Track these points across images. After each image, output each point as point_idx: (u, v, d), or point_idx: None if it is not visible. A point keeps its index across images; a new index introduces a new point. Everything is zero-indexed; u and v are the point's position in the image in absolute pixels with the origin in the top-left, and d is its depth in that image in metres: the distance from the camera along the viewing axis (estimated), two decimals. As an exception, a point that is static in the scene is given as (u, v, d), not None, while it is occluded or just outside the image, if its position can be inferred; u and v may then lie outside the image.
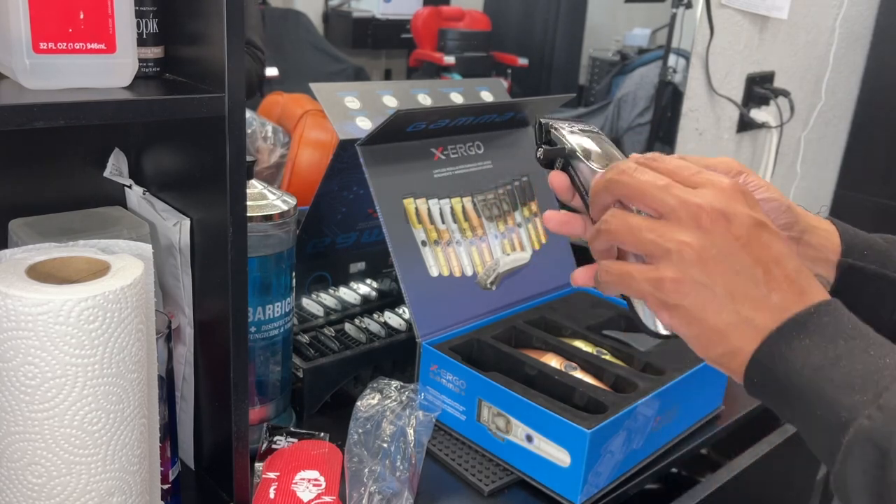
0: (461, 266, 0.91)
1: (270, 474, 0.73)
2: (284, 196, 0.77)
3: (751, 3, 1.66)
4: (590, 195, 0.53)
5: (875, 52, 2.09)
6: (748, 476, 0.89)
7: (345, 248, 1.02)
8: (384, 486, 0.71)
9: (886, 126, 2.11)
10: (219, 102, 0.58)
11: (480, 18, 2.01)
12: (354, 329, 0.94)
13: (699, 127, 1.71)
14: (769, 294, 0.45)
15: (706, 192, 0.46)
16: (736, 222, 0.45)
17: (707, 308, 0.45)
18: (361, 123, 0.89)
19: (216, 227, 0.64)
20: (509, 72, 2.00)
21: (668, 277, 0.46)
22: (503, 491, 0.76)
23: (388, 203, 0.86)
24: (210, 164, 0.62)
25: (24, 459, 0.50)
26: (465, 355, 0.84)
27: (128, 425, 0.53)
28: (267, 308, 0.77)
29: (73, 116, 0.52)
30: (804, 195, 2.10)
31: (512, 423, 0.76)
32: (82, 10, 0.55)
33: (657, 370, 0.84)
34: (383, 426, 0.78)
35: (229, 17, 0.56)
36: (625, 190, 0.49)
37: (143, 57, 0.63)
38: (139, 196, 0.74)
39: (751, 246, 0.45)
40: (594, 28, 2.07)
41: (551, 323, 0.94)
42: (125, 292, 0.51)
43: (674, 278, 0.46)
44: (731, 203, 0.46)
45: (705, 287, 0.45)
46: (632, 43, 1.98)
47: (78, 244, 0.57)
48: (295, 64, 1.60)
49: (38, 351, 0.48)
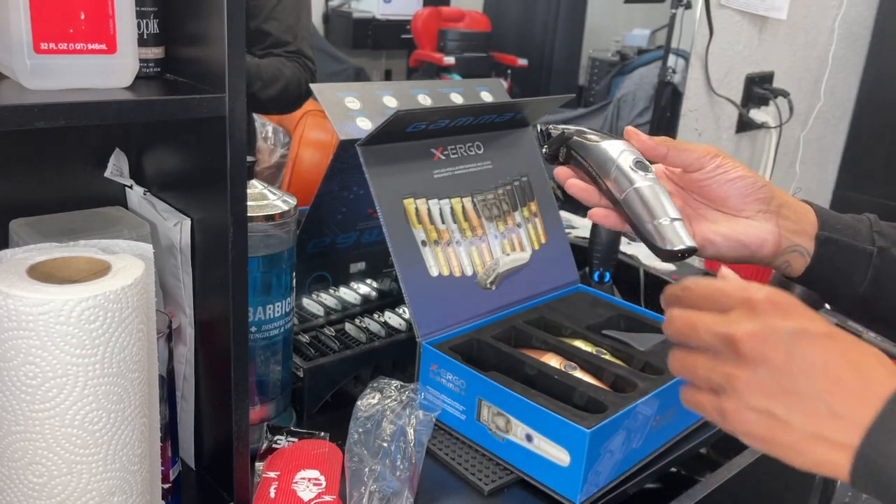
0: (461, 266, 0.92)
1: (271, 474, 0.73)
2: (285, 196, 0.78)
3: (750, 4, 1.66)
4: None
5: (874, 52, 2.09)
6: (748, 476, 0.89)
7: (345, 248, 1.02)
8: (384, 486, 0.71)
9: (885, 126, 2.11)
10: (219, 103, 0.58)
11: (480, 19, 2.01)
12: (354, 329, 0.94)
13: (698, 127, 1.71)
14: (831, 404, 0.44)
15: (738, 317, 0.47)
16: (772, 341, 0.45)
17: (775, 430, 0.46)
18: (361, 124, 0.90)
19: (217, 228, 0.64)
20: (509, 72, 2.00)
21: (729, 409, 0.47)
22: (503, 490, 0.77)
23: (388, 203, 0.86)
24: (211, 164, 0.62)
25: (24, 459, 0.50)
26: (465, 355, 0.84)
27: (128, 425, 0.53)
28: (267, 308, 0.77)
29: (74, 117, 0.53)
30: (803, 195, 2.10)
31: (512, 423, 0.76)
32: (83, 11, 0.55)
33: (657, 370, 0.84)
34: (383, 426, 0.78)
35: (230, 17, 0.56)
36: (671, 334, 0.51)
37: (144, 57, 0.63)
38: (140, 196, 0.74)
39: (793, 361, 0.45)
40: (594, 28, 2.07)
41: (551, 323, 0.94)
42: (126, 292, 0.51)
43: (734, 409, 0.47)
44: (766, 321, 0.46)
45: (765, 412, 0.46)
46: (631, 43, 1.98)
47: (79, 244, 0.58)
48: (295, 64, 1.60)
49: (39, 351, 0.48)
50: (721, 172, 0.65)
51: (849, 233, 0.67)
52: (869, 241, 0.67)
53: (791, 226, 0.66)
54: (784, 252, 0.66)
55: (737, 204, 0.66)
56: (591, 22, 2.06)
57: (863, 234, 0.67)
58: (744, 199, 0.65)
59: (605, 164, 0.65)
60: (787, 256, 0.67)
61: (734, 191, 0.65)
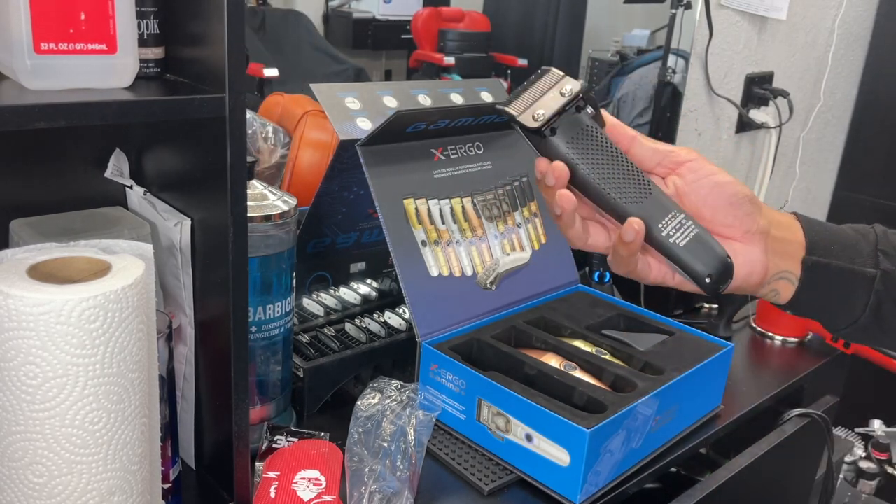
0: (461, 266, 0.92)
1: (271, 474, 0.73)
2: (285, 196, 0.78)
3: (750, 4, 1.66)
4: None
5: (874, 53, 2.09)
6: (748, 476, 0.89)
7: (345, 248, 1.02)
8: (384, 486, 0.71)
9: (885, 127, 2.11)
10: (219, 103, 0.58)
11: (480, 19, 2.01)
12: (354, 329, 0.94)
13: (698, 127, 1.71)
14: None
15: None
16: None
17: None
18: (361, 124, 0.90)
19: (217, 228, 0.64)
20: (509, 72, 2.00)
21: None
22: (503, 490, 0.77)
23: (389, 203, 0.86)
24: (211, 164, 0.62)
25: (25, 459, 0.50)
26: (465, 355, 0.84)
27: (129, 425, 0.53)
28: (267, 308, 0.77)
29: (74, 117, 0.53)
30: (803, 196, 2.10)
31: (512, 423, 0.76)
32: (83, 11, 0.55)
33: (656, 370, 0.84)
34: (383, 426, 0.78)
35: (230, 17, 0.56)
36: None
37: (144, 57, 0.63)
38: (140, 196, 0.74)
39: None
40: (593, 29, 2.07)
41: (551, 323, 0.94)
42: (126, 292, 0.51)
43: None
44: None
45: None
46: (631, 44, 1.98)
47: (79, 244, 0.58)
48: (295, 64, 1.60)
49: (40, 351, 0.48)
50: (708, 174, 0.54)
51: (845, 254, 0.58)
52: (871, 263, 0.58)
53: (779, 247, 0.56)
54: (771, 280, 0.57)
55: (725, 218, 0.54)
56: (590, 22, 2.05)
57: (864, 253, 0.58)
58: (733, 213, 0.54)
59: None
60: (775, 284, 0.57)
61: (723, 199, 0.53)
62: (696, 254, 0.51)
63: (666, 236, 0.51)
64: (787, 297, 0.58)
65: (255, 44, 1.49)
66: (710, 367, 0.87)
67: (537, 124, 0.49)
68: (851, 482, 1.55)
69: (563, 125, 0.50)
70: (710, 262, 0.51)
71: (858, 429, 1.63)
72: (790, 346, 1.19)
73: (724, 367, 0.91)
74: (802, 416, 1.00)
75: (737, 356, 1.13)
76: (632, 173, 0.51)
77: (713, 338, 0.92)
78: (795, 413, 1.00)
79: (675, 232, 0.51)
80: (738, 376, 1.07)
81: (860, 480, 1.55)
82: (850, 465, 1.56)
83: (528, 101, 0.50)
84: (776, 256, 0.56)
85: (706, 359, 0.86)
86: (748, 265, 0.54)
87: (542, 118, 0.49)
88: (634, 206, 0.51)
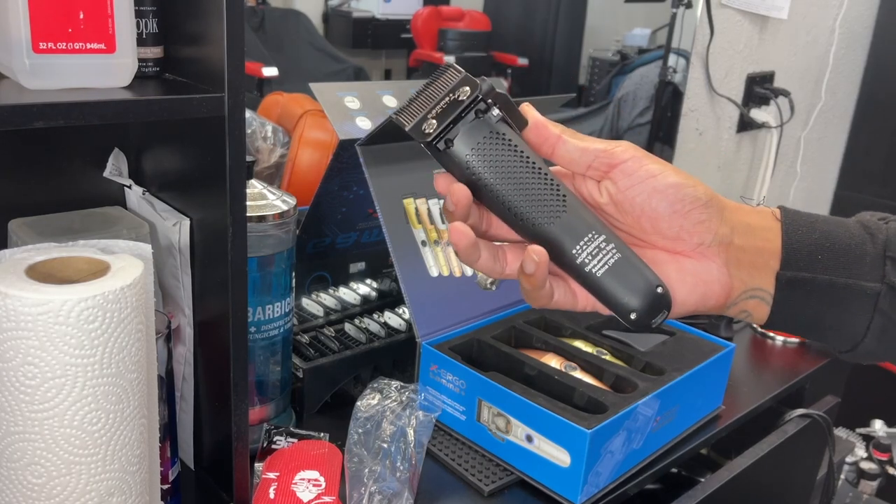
0: (461, 266, 0.91)
1: (270, 474, 0.73)
2: (284, 196, 0.77)
3: (751, 3, 1.66)
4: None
5: (875, 52, 2.09)
6: (748, 476, 0.89)
7: (345, 248, 1.02)
8: (384, 486, 0.71)
9: (886, 126, 2.11)
10: (219, 102, 0.58)
11: (480, 18, 2.01)
12: (354, 329, 0.94)
13: (699, 127, 1.71)
14: None
15: None
16: None
17: None
18: (361, 123, 0.89)
19: (216, 227, 0.64)
20: (509, 72, 2.00)
21: None
22: (503, 491, 0.76)
23: (388, 203, 0.86)
24: (210, 164, 0.62)
25: (23, 459, 0.50)
26: (465, 355, 0.84)
27: (127, 425, 0.53)
28: (267, 308, 0.77)
29: (73, 116, 0.52)
30: (804, 195, 2.10)
31: (512, 423, 0.76)
32: (82, 10, 0.55)
33: (657, 370, 0.84)
34: (383, 426, 0.78)
35: (229, 17, 0.56)
36: None
37: (143, 57, 0.63)
38: (139, 196, 0.74)
39: None
40: (594, 28, 2.06)
41: (551, 323, 0.94)
42: (125, 292, 0.51)
43: None
44: None
45: None
46: (632, 43, 1.98)
47: (78, 244, 0.57)
48: (295, 64, 1.60)
49: (38, 351, 0.48)
50: (644, 178, 0.44)
51: (837, 264, 0.46)
52: (873, 275, 0.45)
53: (748, 259, 0.46)
54: (738, 300, 0.47)
55: (669, 230, 0.44)
56: (591, 22, 2.05)
57: (866, 262, 0.46)
58: (679, 223, 0.44)
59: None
60: (744, 305, 0.47)
61: (664, 207, 0.44)
62: (617, 284, 0.43)
63: (581, 264, 0.43)
64: (761, 318, 0.48)
65: (255, 43, 1.48)
66: (710, 367, 0.87)
67: (429, 137, 0.42)
68: (853, 483, 1.55)
69: (463, 134, 0.42)
70: (636, 293, 0.43)
71: (860, 429, 1.63)
72: (791, 347, 1.19)
73: (725, 368, 0.91)
74: (803, 416, 1.00)
75: (738, 356, 1.13)
76: (544, 185, 0.43)
77: (714, 338, 0.91)
78: (796, 413, 1.00)
79: (591, 259, 0.43)
80: (739, 377, 1.07)
81: (861, 481, 1.55)
82: (851, 466, 1.56)
83: (420, 108, 0.43)
84: (742, 271, 0.46)
85: (707, 359, 0.86)
86: (702, 286, 0.45)
87: (434, 129, 0.42)
88: (545, 227, 0.43)
